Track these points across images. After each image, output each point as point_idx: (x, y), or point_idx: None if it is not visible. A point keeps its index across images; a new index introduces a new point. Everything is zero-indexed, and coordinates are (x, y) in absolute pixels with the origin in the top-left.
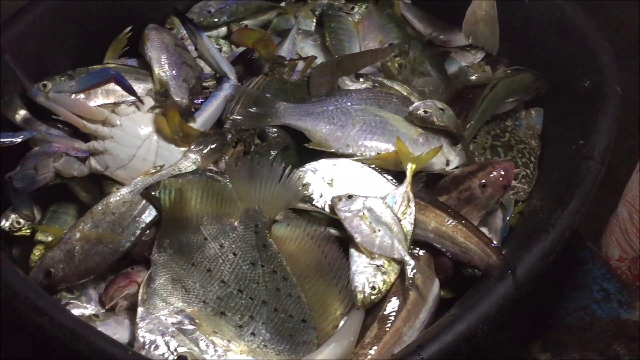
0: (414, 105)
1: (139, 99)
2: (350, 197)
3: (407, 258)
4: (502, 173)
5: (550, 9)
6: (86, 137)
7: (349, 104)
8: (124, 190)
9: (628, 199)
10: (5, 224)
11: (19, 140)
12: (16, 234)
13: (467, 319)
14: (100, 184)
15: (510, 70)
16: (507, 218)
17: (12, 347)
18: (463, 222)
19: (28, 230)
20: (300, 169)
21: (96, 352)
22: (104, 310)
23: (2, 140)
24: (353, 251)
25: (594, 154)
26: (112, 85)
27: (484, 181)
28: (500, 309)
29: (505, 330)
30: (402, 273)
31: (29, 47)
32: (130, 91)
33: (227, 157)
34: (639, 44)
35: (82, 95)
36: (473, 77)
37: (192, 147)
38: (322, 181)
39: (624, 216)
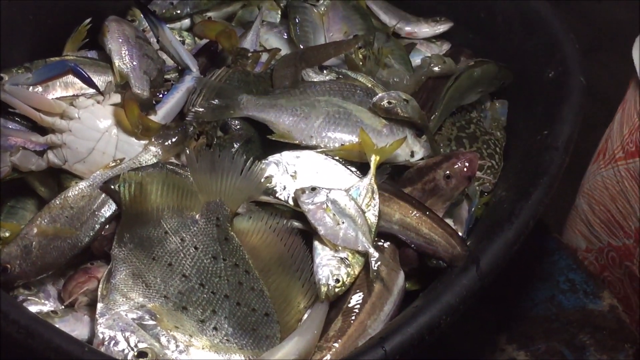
0: (378, 97)
1: (98, 90)
2: (313, 189)
3: (372, 250)
4: (467, 164)
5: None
6: (44, 130)
7: (312, 95)
8: (83, 184)
9: (586, 190)
10: None
11: None
12: None
13: (430, 310)
14: (59, 178)
15: (474, 62)
16: (473, 209)
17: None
18: (427, 213)
19: None
20: (263, 161)
21: (51, 349)
22: (62, 307)
23: None
24: (317, 244)
25: (558, 144)
26: (71, 78)
27: (448, 172)
28: (463, 300)
29: (471, 321)
30: (366, 265)
31: None
32: (89, 83)
33: (188, 150)
34: (609, 39)
35: (39, 88)
36: (436, 69)
37: (153, 140)
38: (285, 173)
39: (584, 207)
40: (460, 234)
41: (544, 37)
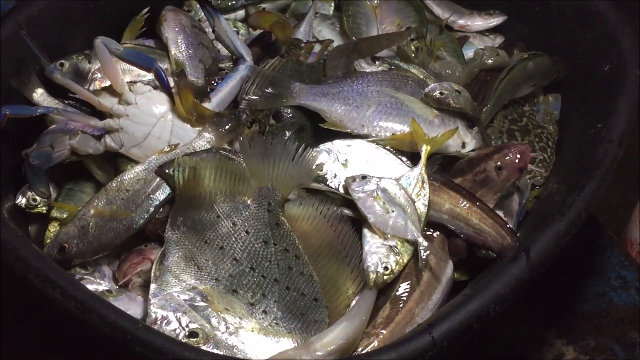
0: (430, 87)
1: (173, 99)
2: (364, 177)
3: (421, 239)
4: (518, 156)
5: None
6: (102, 115)
7: (364, 85)
8: (139, 168)
9: None
10: (22, 201)
11: (35, 114)
12: (32, 211)
13: (479, 298)
14: (115, 162)
15: (528, 54)
16: (524, 202)
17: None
18: (477, 203)
19: (44, 208)
20: (315, 149)
21: (107, 325)
22: (117, 287)
23: (18, 112)
24: (366, 231)
25: (612, 138)
26: (126, 65)
27: (499, 163)
28: (512, 289)
29: (520, 315)
30: (415, 254)
31: (46, 26)
32: (167, 89)
33: (241, 137)
34: None
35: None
36: (489, 61)
37: (207, 126)
38: (336, 161)
39: None
40: (509, 224)
41: (600, 30)
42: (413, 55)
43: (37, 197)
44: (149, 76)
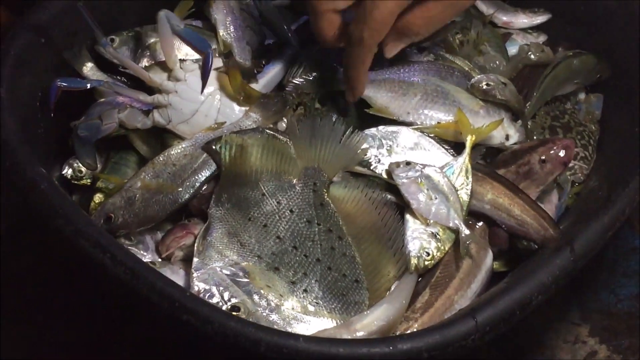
0: (476, 78)
1: (204, 84)
2: (408, 164)
3: (463, 227)
4: (563, 150)
5: None
6: (150, 91)
7: (411, 73)
8: (186, 144)
9: None
10: (68, 171)
11: (87, 87)
12: (78, 182)
13: (523, 286)
14: (162, 137)
15: (572, 52)
16: (564, 198)
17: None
18: (520, 195)
19: (89, 180)
20: (360, 133)
21: (155, 291)
22: (160, 260)
23: (71, 85)
24: (408, 217)
25: None
26: (179, 43)
27: (544, 157)
28: (556, 279)
29: (554, 312)
30: (456, 242)
31: (99, 2)
32: (205, 75)
33: (288, 117)
34: None
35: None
36: (533, 57)
37: (254, 107)
38: (380, 147)
39: None
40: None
41: None
42: (458, 48)
43: (83, 169)
44: (198, 55)
